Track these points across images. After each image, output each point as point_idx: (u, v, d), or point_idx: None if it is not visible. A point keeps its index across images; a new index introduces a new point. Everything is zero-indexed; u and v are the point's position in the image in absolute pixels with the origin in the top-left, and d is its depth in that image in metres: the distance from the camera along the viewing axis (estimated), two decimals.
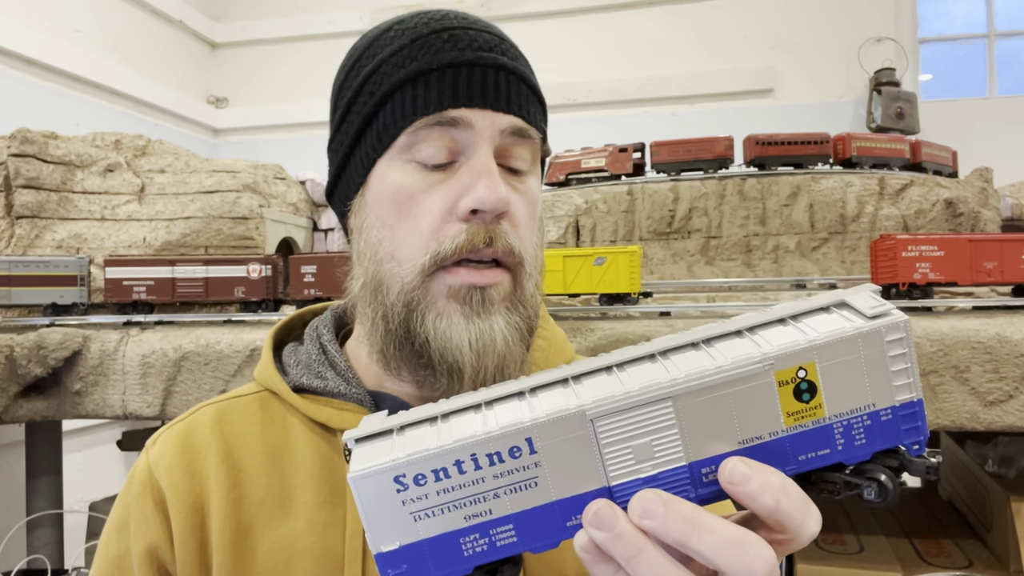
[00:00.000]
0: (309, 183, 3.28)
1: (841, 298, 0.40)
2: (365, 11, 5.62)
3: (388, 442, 0.40)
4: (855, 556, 1.70)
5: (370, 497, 0.39)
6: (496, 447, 0.38)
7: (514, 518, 0.39)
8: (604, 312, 1.82)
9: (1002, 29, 5.12)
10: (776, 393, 0.38)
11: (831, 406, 0.38)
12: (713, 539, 0.36)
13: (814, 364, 0.38)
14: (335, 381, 0.68)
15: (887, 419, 0.38)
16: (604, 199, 2.55)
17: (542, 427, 0.38)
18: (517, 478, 0.39)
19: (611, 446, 0.38)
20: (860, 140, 2.50)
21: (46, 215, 2.40)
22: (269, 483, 0.64)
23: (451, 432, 0.39)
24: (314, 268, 1.94)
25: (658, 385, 0.38)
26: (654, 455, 0.38)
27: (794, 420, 0.38)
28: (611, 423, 0.38)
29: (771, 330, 0.40)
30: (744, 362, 0.38)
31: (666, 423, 0.38)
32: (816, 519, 0.39)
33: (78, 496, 3.36)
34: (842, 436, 0.39)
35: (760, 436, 0.39)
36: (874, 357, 0.38)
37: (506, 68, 0.62)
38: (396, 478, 0.38)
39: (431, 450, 0.38)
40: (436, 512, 0.39)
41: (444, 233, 0.60)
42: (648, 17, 5.31)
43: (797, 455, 0.39)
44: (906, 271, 1.62)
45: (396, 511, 0.39)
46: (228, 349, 1.78)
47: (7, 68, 3.96)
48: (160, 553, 0.64)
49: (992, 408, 1.44)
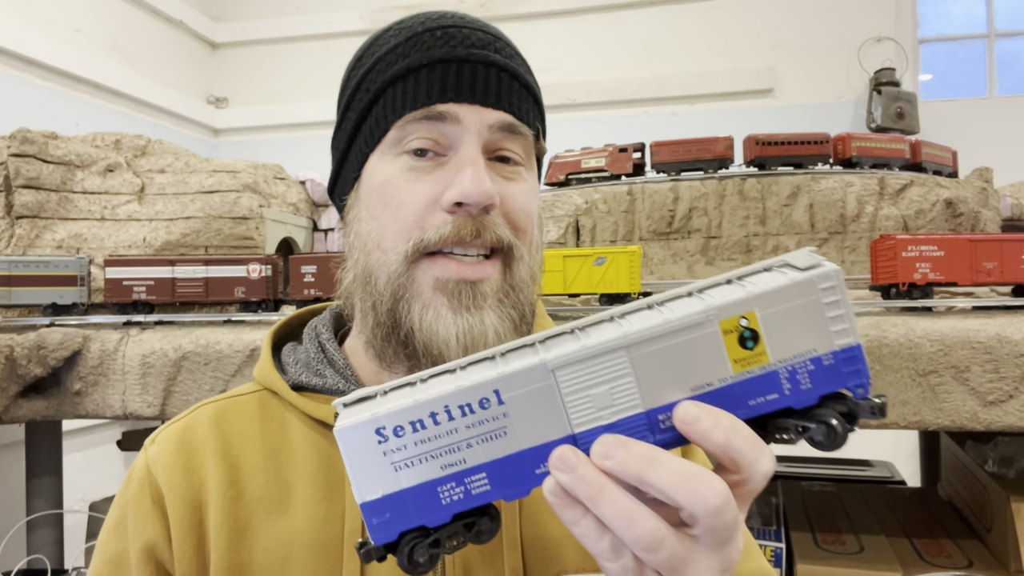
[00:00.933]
0: (309, 183, 3.28)
1: (782, 259, 0.43)
2: (365, 11, 5.62)
3: (373, 403, 0.43)
4: (855, 556, 1.70)
5: (354, 448, 0.41)
6: (467, 399, 0.41)
7: (487, 467, 0.42)
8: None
9: (1002, 29, 5.12)
10: (722, 341, 0.41)
11: (774, 352, 0.41)
12: (666, 473, 0.38)
13: (754, 313, 0.40)
14: (334, 379, 0.68)
15: (829, 364, 0.40)
16: (604, 199, 2.55)
17: (508, 379, 0.41)
18: (487, 428, 0.41)
19: (572, 394, 0.41)
20: (860, 140, 2.50)
21: (46, 215, 2.40)
22: (267, 480, 0.65)
23: (427, 390, 0.42)
24: (314, 268, 1.94)
25: (612, 338, 0.41)
26: (613, 403, 0.41)
27: (741, 366, 0.41)
28: (571, 373, 0.41)
29: (717, 289, 0.43)
30: (691, 314, 0.41)
31: (622, 372, 0.41)
32: (769, 458, 0.41)
33: (78, 496, 3.35)
34: (788, 381, 0.41)
35: (711, 383, 0.41)
36: (810, 305, 0.40)
37: (497, 65, 0.62)
38: (377, 430, 0.41)
39: (408, 404, 0.41)
40: (415, 462, 0.41)
41: (428, 222, 0.60)
42: (648, 17, 5.30)
43: (747, 400, 0.41)
44: (906, 271, 1.62)
45: (378, 462, 0.41)
46: (228, 349, 1.78)
47: (7, 68, 3.96)
48: (158, 551, 0.64)
49: (992, 408, 1.44)
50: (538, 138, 0.67)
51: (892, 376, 1.48)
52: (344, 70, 0.69)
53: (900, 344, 1.48)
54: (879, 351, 1.49)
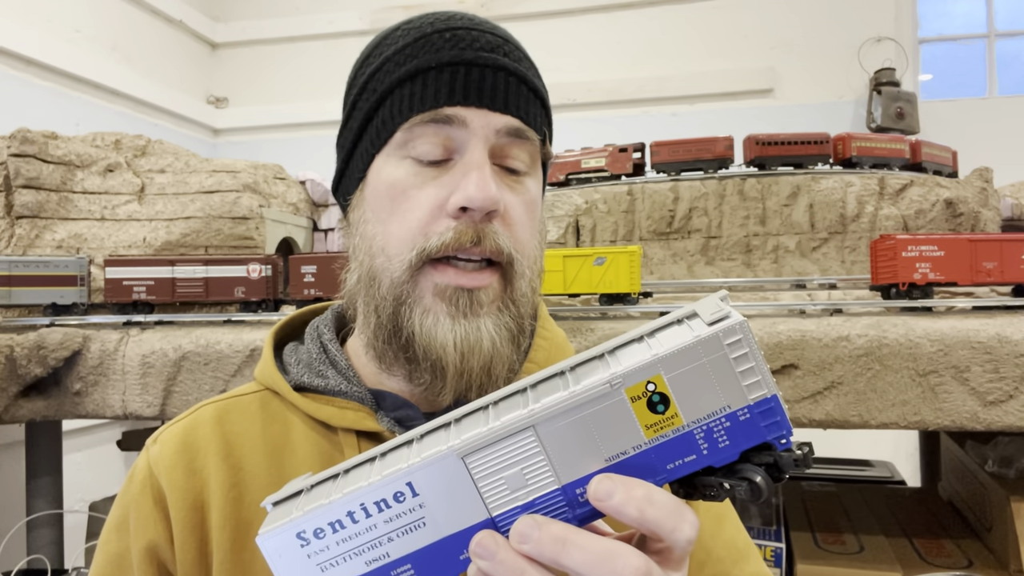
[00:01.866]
0: (309, 183, 3.28)
1: (692, 309, 0.41)
2: (365, 11, 5.62)
3: (297, 500, 0.43)
4: (855, 556, 1.70)
5: (277, 554, 0.41)
6: (381, 494, 0.41)
7: (411, 558, 0.41)
8: (604, 312, 1.82)
9: (1002, 29, 5.12)
10: (631, 409, 0.39)
11: (687, 413, 0.39)
12: (582, 555, 0.38)
13: (661, 376, 0.39)
14: (336, 379, 0.68)
15: (745, 418, 0.39)
16: (604, 199, 2.55)
17: (418, 470, 0.40)
18: (406, 520, 0.41)
19: (485, 479, 0.40)
20: (860, 140, 2.50)
21: (46, 215, 2.40)
22: (269, 481, 0.65)
23: (345, 484, 0.42)
24: (314, 268, 1.94)
25: (517, 417, 0.40)
26: (527, 483, 0.40)
27: (654, 432, 0.40)
28: (480, 458, 0.40)
29: (627, 349, 0.41)
30: (594, 384, 0.39)
31: (532, 451, 0.40)
32: (690, 523, 0.40)
33: (78, 496, 3.35)
34: (704, 440, 0.40)
35: (625, 451, 0.40)
36: (718, 361, 0.39)
37: (506, 69, 0.62)
38: (298, 534, 0.41)
39: (323, 504, 0.41)
40: (340, 561, 0.41)
41: (432, 229, 0.60)
42: (648, 17, 5.30)
43: (665, 464, 0.40)
44: (906, 271, 1.62)
45: (304, 564, 0.41)
46: (228, 349, 1.78)
47: (7, 68, 3.96)
48: (160, 552, 0.64)
49: (992, 408, 1.44)
50: (544, 143, 0.67)
51: (892, 376, 1.48)
52: (349, 69, 0.69)
53: (900, 344, 1.48)
54: (879, 351, 1.49)
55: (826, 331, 1.55)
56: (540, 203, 0.68)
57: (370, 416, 0.65)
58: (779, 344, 1.56)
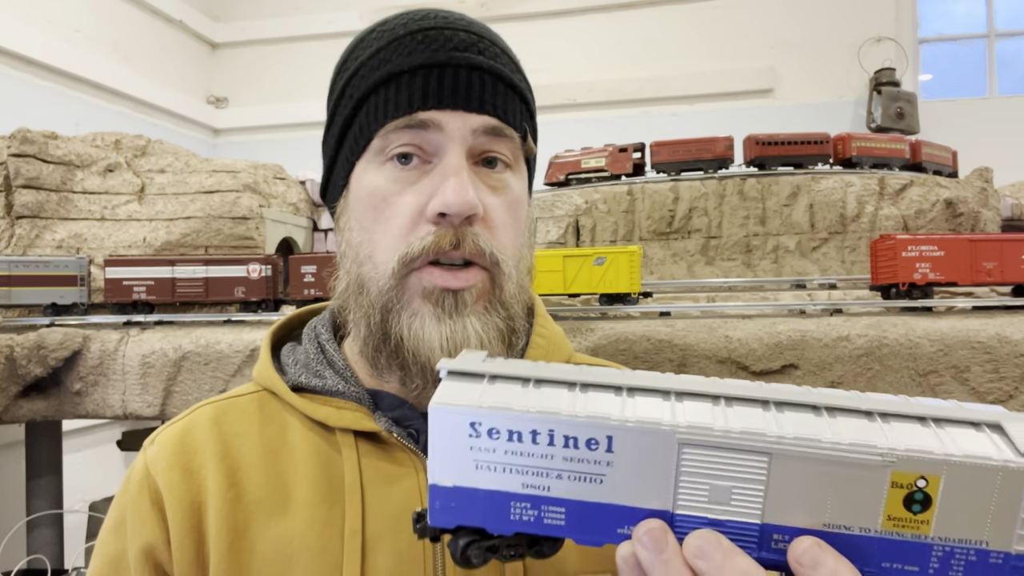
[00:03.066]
0: (309, 183, 3.28)
1: (997, 420, 0.37)
2: (365, 11, 5.63)
3: (478, 386, 0.40)
4: None
5: (442, 429, 0.39)
6: (576, 432, 0.38)
7: (569, 504, 0.39)
8: (604, 312, 1.81)
9: (1002, 29, 5.12)
10: (885, 492, 0.35)
11: (940, 527, 0.35)
12: None
13: (939, 478, 0.35)
14: (333, 380, 0.68)
15: (996, 563, 0.35)
16: (604, 199, 2.55)
17: (628, 431, 0.37)
18: (585, 468, 0.38)
19: (690, 475, 0.37)
20: (860, 140, 2.50)
21: (46, 215, 2.40)
22: (267, 482, 0.64)
23: (539, 399, 0.39)
24: (314, 268, 1.94)
25: (761, 435, 0.36)
26: (730, 501, 0.37)
27: (893, 525, 0.36)
28: (698, 454, 0.37)
29: (906, 424, 0.37)
30: (863, 448, 0.35)
31: (755, 476, 0.36)
32: None
33: (78, 496, 3.35)
34: (939, 561, 0.36)
35: (849, 527, 0.36)
36: (1010, 495, 0.34)
37: (480, 67, 0.62)
38: (472, 423, 0.38)
39: (514, 410, 0.38)
40: (498, 468, 0.39)
41: (414, 235, 0.60)
42: (648, 17, 5.31)
43: (881, 561, 0.36)
44: (906, 271, 1.62)
45: (462, 452, 0.39)
46: (228, 349, 1.78)
47: (7, 68, 3.96)
48: (157, 553, 0.64)
49: None
50: (525, 139, 0.66)
51: (892, 376, 1.48)
52: None
53: (900, 344, 1.48)
54: (879, 351, 1.49)
55: (826, 331, 1.55)
56: (525, 201, 0.67)
57: (368, 416, 0.65)
58: (779, 344, 1.56)
